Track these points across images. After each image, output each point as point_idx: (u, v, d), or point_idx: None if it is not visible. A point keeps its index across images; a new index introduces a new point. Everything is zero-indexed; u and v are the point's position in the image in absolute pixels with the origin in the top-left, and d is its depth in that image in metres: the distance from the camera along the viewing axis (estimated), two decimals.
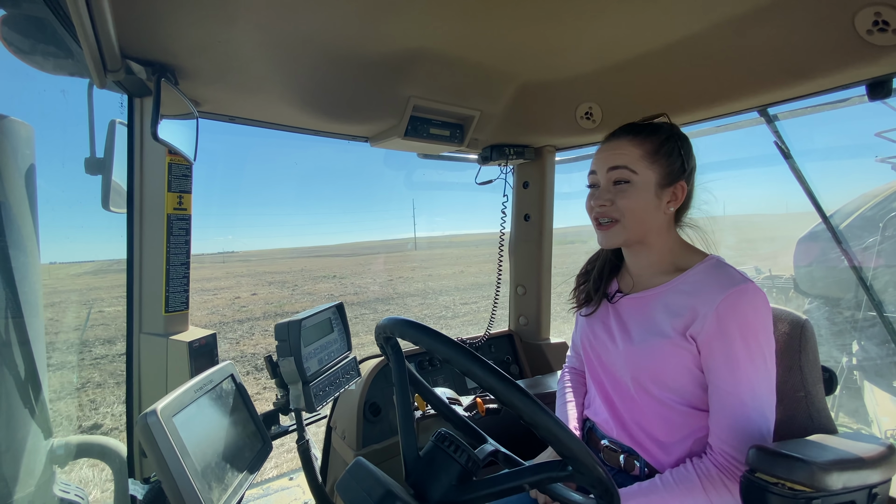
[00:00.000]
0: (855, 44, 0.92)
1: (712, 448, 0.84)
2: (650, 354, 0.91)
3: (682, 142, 0.97)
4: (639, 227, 0.94)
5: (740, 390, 0.81)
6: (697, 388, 0.89)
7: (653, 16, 1.00)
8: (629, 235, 0.95)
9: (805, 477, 0.66)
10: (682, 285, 0.92)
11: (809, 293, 4.90)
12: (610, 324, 1.02)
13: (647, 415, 0.93)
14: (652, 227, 0.95)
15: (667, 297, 0.93)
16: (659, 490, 0.84)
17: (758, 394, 0.81)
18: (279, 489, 1.76)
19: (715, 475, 0.81)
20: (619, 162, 0.93)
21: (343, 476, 0.63)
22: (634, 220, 0.93)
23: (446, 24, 1.00)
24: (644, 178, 0.92)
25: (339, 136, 1.55)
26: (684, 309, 0.88)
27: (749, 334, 0.82)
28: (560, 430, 0.59)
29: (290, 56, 1.06)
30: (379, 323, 0.78)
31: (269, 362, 1.15)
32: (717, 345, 0.83)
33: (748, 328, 0.82)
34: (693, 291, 0.89)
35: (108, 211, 1.20)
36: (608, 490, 0.62)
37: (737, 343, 0.82)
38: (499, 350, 1.96)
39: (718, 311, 0.83)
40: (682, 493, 0.82)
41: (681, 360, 0.88)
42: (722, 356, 0.83)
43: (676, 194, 0.94)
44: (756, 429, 0.80)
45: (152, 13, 0.86)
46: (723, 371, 0.83)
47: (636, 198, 0.92)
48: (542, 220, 1.91)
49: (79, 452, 1.32)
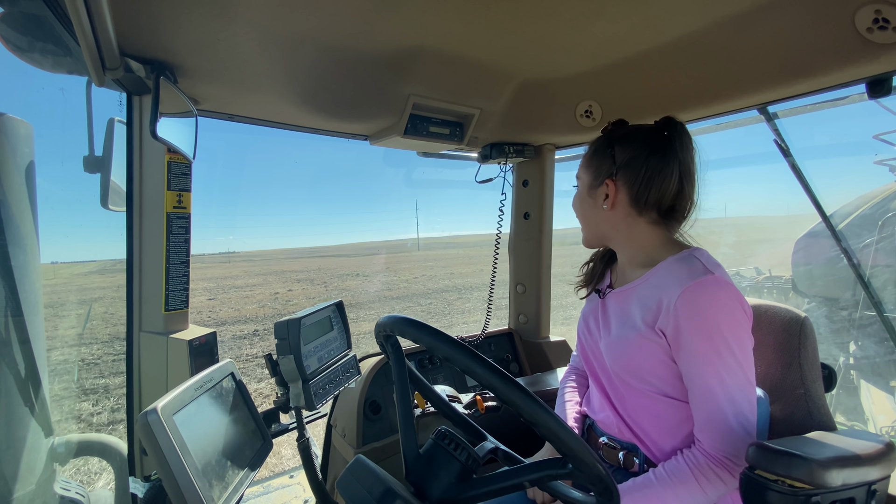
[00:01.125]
0: (855, 42, 0.92)
1: (698, 440, 0.85)
2: (624, 347, 0.93)
3: (617, 141, 0.98)
4: (588, 226, 1.06)
5: (709, 383, 0.82)
6: (676, 380, 0.89)
7: (653, 14, 1.00)
8: (586, 234, 1.07)
9: (804, 474, 0.66)
10: (652, 278, 0.93)
11: (808, 293, 4.91)
12: (598, 318, 1.05)
13: (637, 408, 0.95)
14: (602, 225, 1.01)
15: (640, 290, 0.95)
16: (653, 484, 0.85)
17: (728, 386, 0.81)
18: (279, 487, 1.76)
19: (704, 465, 0.82)
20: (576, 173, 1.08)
21: (343, 474, 0.63)
22: (581, 220, 1.07)
23: (446, 21, 1.00)
24: (582, 182, 1.05)
25: (338, 135, 1.55)
26: (652, 302, 0.89)
27: (710, 329, 0.82)
28: (560, 427, 0.59)
29: (290, 54, 1.06)
30: (378, 321, 0.78)
31: (268, 360, 1.15)
32: (680, 340, 0.84)
33: (708, 322, 0.82)
34: (660, 284, 0.90)
35: (107, 209, 1.19)
36: (608, 487, 0.62)
37: (697, 339, 0.82)
38: (498, 348, 1.96)
39: (676, 306, 0.84)
40: (676, 485, 0.82)
41: (653, 353, 0.89)
42: (687, 351, 0.84)
43: (608, 192, 0.97)
44: (733, 420, 0.81)
45: (151, 11, 0.86)
46: (690, 366, 0.84)
47: (578, 200, 1.06)
48: (541, 219, 1.91)
49: (79, 451, 1.32)
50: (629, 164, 0.96)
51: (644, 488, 0.85)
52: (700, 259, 0.89)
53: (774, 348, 1.04)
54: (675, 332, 0.85)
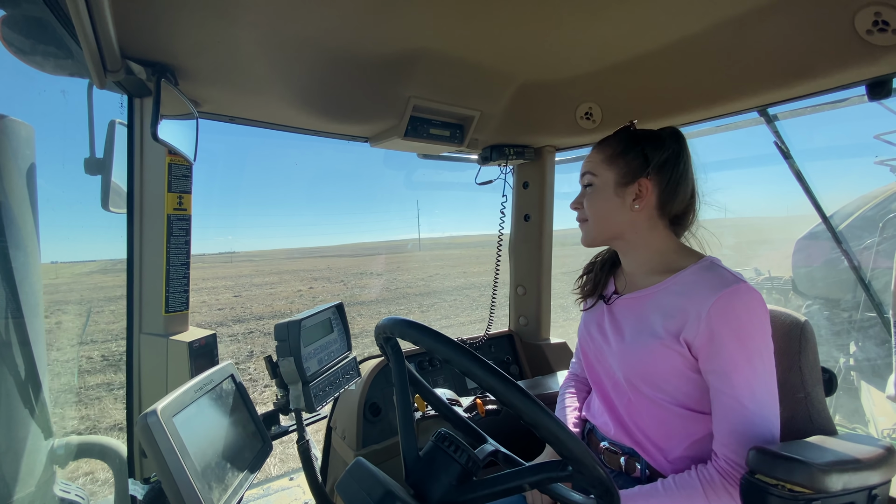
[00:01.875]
0: (855, 44, 0.92)
1: (716, 454, 0.83)
2: (640, 354, 0.91)
3: (645, 141, 0.98)
4: (605, 225, 1.00)
5: (739, 394, 0.80)
6: (692, 390, 0.88)
7: (653, 16, 1.00)
8: (597, 233, 1.02)
9: (805, 478, 0.66)
10: (674, 286, 0.92)
11: (808, 294, 4.90)
12: (604, 324, 1.03)
13: (644, 416, 0.93)
14: (622, 225, 0.98)
15: (659, 297, 0.93)
16: (660, 494, 0.83)
17: (758, 396, 0.80)
18: (279, 489, 1.76)
19: (718, 481, 0.80)
20: (584, 170, 1.03)
21: (343, 476, 0.63)
22: (599, 218, 1.01)
23: (446, 24, 1.00)
24: (603, 179, 1.00)
25: (338, 137, 1.55)
26: (676, 311, 0.88)
27: (744, 336, 0.81)
28: (560, 429, 0.59)
29: (290, 56, 1.06)
30: (378, 323, 0.78)
31: (268, 362, 1.15)
32: (712, 349, 0.83)
33: (742, 330, 0.81)
34: (685, 293, 0.88)
35: (107, 211, 1.20)
36: (608, 490, 0.62)
37: (731, 346, 0.81)
38: (499, 350, 1.96)
39: (710, 313, 0.82)
40: (683, 499, 0.81)
41: (671, 362, 0.88)
42: (718, 360, 0.82)
43: (641, 192, 0.96)
44: (759, 432, 0.79)
45: (152, 13, 0.86)
46: (720, 375, 0.82)
47: (597, 197, 1.01)
48: (542, 221, 1.91)
49: (79, 452, 1.32)
50: (664, 165, 0.96)
51: (649, 497, 0.84)
52: (724, 267, 0.90)
53: (775, 352, 1.04)
54: (707, 340, 0.83)
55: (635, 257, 1.01)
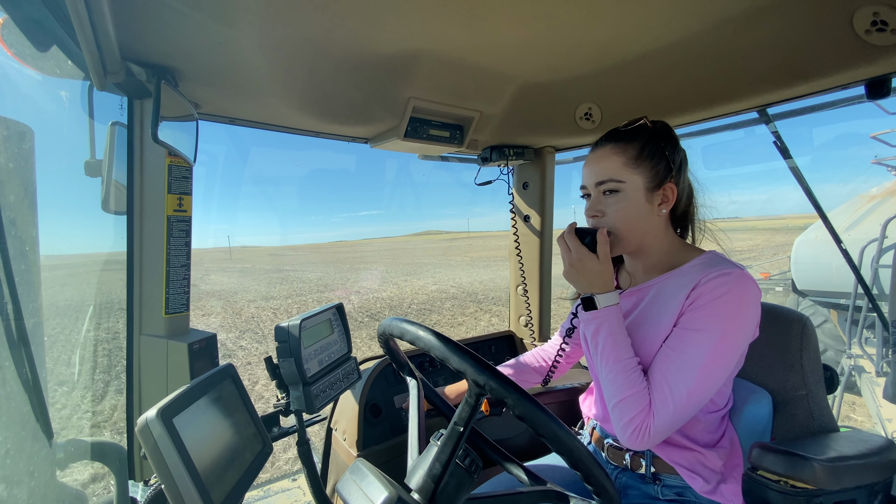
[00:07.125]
0: (853, 44, 0.92)
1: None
2: (643, 347, 0.91)
3: (664, 141, 0.94)
4: (634, 235, 0.94)
5: (687, 348, 0.82)
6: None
7: (652, 16, 1.00)
8: (626, 246, 0.95)
9: (807, 475, 0.66)
10: (676, 277, 0.92)
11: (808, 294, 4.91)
12: None
13: None
14: (649, 231, 0.95)
15: (663, 285, 0.94)
16: (621, 357, 0.86)
17: (697, 367, 0.80)
18: (280, 491, 1.75)
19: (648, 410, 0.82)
20: (605, 175, 0.93)
21: (344, 477, 0.63)
22: (628, 228, 0.93)
23: (445, 25, 1.00)
24: (632, 185, 0.91)
25: (338, 138, 1.55)
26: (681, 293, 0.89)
27: (718, 307, 0.81)
28: (560, 430, 0.60)
29: (290, 58, 1.07)
30: (380, 324, 0.78)
31: (269, 364, 1.15)
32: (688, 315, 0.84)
33: (718, 301, 0.81)
34: (687, 280, 0.89)
35: (107, 213, 1.20)
36: (608, 491, 0.62)
37: (702, 311, 0.82)
38: (499, 350, 1.96)
39: (699, 283, 0.85)
40: (625, 377, 0.84)
41: None
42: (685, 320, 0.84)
43: (667, 195, 0.93)
44: (682, 387, 0.79)
45: (152, 15, 0.86)
46: (678, 332, 0.84)
47: (626, 205, 0.92)
48: (542, 221, 1.91)
49: (79, 454, 1.32)
50: (682, 166, 0.96)
51: (616, 346, 0.86)
52: (727, 259, 0.91)
53: (776, 350, 1.04)
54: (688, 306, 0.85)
55: (643, 259, 1.00)
